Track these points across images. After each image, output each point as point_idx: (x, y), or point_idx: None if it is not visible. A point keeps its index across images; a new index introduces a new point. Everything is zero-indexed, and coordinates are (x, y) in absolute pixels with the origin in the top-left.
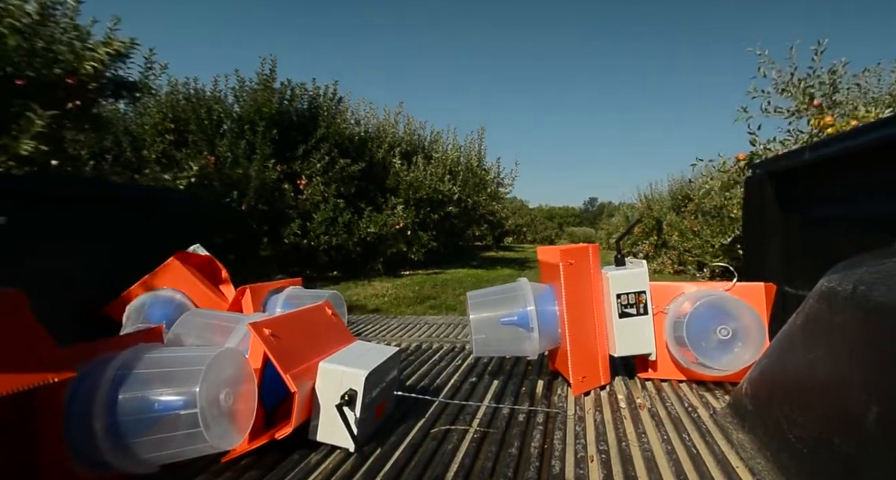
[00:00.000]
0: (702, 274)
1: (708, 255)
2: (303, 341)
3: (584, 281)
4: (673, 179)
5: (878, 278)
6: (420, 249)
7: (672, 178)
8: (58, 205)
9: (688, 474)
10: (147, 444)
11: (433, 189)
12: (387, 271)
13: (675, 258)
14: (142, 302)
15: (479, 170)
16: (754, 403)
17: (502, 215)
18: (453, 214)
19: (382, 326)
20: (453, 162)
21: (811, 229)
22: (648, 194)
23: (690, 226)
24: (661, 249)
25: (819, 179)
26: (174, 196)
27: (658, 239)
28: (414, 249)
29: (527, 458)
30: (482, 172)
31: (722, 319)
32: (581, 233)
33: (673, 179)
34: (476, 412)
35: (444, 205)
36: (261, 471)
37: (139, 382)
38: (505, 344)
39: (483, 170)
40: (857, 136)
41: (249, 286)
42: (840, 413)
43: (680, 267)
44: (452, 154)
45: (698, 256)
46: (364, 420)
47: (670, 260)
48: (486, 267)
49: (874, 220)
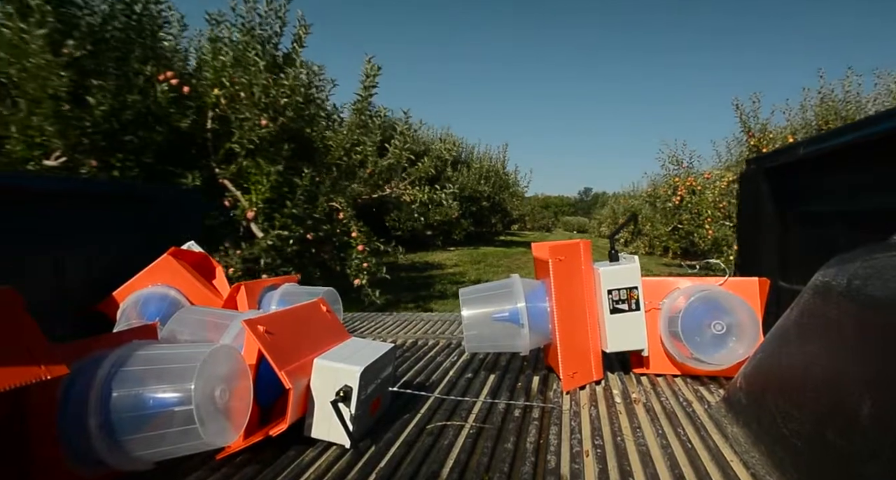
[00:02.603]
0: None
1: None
2: (298, 338)
3: (574, 277)
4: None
5: (873, 272)
6: (461, 232)
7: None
8: (52, 202)
9: (682, 468)
10: (142, 441)
11: (473, 189)
12: (440, 247)
13: (646, 242)
14: (136, 299)
15: (504, 175)
16: (748, 397)
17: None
18: (486, 208)
19: (377, 323)
20: (487, 169)
21: (806, 224)
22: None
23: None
24: (636, 236)
25: (814, 174)
26: (171, 193)
27: (634, 227)
28: (457, 231)
29: (522, 453)
30: (505, 176)
31: (716, 314)
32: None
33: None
34: (472, 408)
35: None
36: (256, 468)
37: (133, 379)
38: (497, 340)
39: (506, 174)
40: (853, 131)
41: (244, 283)
42: (834, 407)
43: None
44: (485, 163)
45: (664, 242)
46: (359, 416)
47: (643, 244)
48: (504, 246)
49: (869, 215)
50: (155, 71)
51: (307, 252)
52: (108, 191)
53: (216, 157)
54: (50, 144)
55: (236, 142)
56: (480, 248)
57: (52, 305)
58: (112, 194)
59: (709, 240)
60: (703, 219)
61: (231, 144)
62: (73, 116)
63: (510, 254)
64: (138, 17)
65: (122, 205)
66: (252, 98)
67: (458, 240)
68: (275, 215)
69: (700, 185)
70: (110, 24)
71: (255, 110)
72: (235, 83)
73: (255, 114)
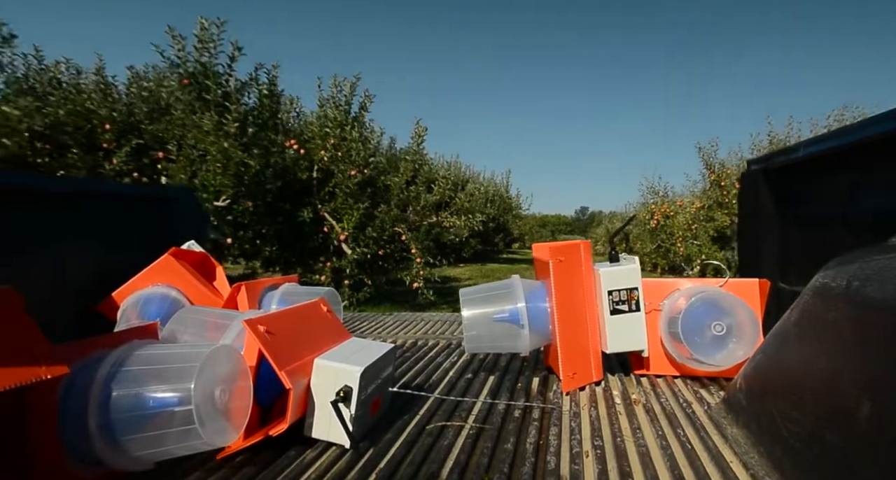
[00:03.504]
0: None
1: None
2: (298, 338)
3: (574, 278)
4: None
5: (872, 274)
6: (469, 250)
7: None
8: (52, 202)
9: (682, 469)
10: (142, 441)
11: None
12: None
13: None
14: (136, 299)
15: (507, 198)
16: (748, 398)
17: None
18: (491, 228)
19: (378, 323)
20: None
21: (806, 225)
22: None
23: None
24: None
25: (814, 176)
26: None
27: (625, 245)
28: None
29: (522, 454)
30: (508, 199)
31: (716, 315)
32: None
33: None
34: (472, 408)
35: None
36: (256, 468)
37: (133, 379)
38: (497, 340)
39: (509, 197)
40: (852, 133)
41: (244, 283)
42: (833, 408)
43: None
44: (490, 187)
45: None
46: (359, 416)
47: None
48: (508, 263)
49: (869, 216)
50: (284, 140)
51: (377, 263)
52: (110, 190)
53: (319, 197)
54: (224, 191)
55: (334, 187)
56: (487, 265)
57: (52, 305)
58: (114, 194)
59: (681, 255)
60: (676, 238)
61: (330, 188)
62: (241, 174)
63: (515, 270)
64: (270, 104)
65: (123, 204)
66: (348, 157)
67: (466, 257)
68: (359, 237)
69: (673, 211)
70: (258, 110)
71: (350, 165)
72: (337, 147)
73: (349, 168)
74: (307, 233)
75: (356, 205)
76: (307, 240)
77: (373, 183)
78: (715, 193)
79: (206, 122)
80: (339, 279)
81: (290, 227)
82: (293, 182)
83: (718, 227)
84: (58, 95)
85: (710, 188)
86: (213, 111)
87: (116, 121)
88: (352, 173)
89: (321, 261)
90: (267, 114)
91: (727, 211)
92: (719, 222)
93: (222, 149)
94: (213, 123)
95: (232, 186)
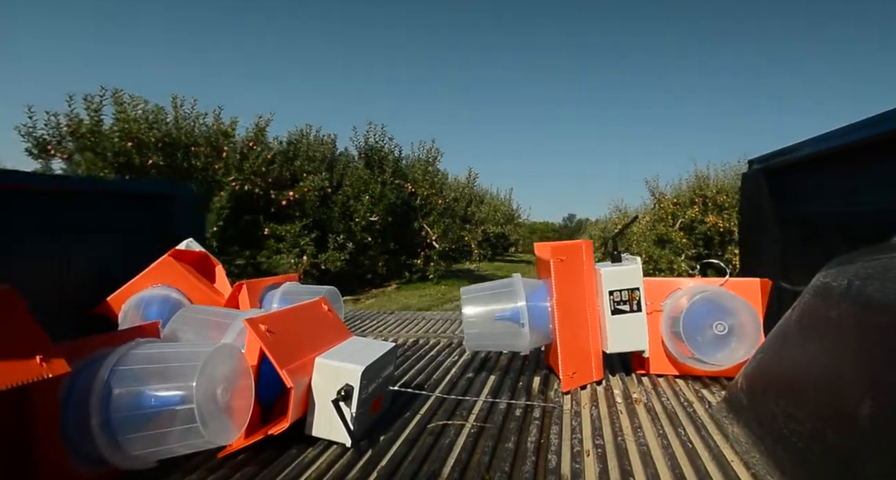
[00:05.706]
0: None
1: None
2: (299, 337)
3: (576, 278)
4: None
5: (873, 273)
6: (480, 253)
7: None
8: (53, 201)
9: (683, 468)
10: (143, 440)
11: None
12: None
13: None
14: (138, 300)
15: (509, 209)
16: (749, 398)
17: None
18: (497, 234)
19: (379, 322)
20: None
21: (807, 225)
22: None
23: None
24: None
25: (815, 175)
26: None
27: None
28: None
29: (523, 453)
30: (511, 211)
31: (718, 315)
32: None
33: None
34: (473, 407)
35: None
36: (257, 467)
37: (135, 378)
38: (498, 339)
39: (511, 209)
40: (853, 132)
41: (245, 282)
42: (834, 408)
43: None
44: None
45: None
46: (360, 415)
47: None
48: (510, 263)
49: (870, 216)
50: (402, 182)
51: (450, 254)
52: (111, 190)
53: (420, 214)
54: (375, 211)
55: (430, 209)
56: (495, 262)
57: (54, 305)
58: (115, 193)
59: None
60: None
61: (427, 209)
62: (378, 206)
63: (517, 268)
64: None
65: (124, 204)
66: (440, 192)
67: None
68: (442, 238)
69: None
70: (395, 166)
71: (440, 195)
72: (432, 185)
73: (438, 197)
74: (414, 234)
75: (441, 220)
76: (414, 238)
77: (451, 207)
78: (657, 211)
79: (367, 172)
80: (428, 262)
81: (405, 231)
82: (408, 206)
83: (659, 234)
84: None
85: (654, 208)
86: (376, 169)
87: None
88: (439, 202)
89: (419, 252)
90: (395, 166)
91: (664, 223)
92: (660, 230)
93: (378, 188)
94: (372, 174)
95: (382, 209)
